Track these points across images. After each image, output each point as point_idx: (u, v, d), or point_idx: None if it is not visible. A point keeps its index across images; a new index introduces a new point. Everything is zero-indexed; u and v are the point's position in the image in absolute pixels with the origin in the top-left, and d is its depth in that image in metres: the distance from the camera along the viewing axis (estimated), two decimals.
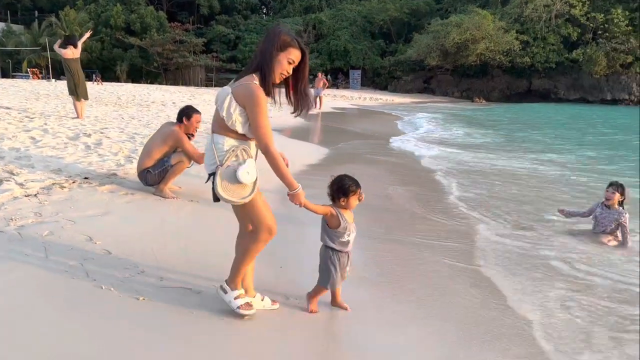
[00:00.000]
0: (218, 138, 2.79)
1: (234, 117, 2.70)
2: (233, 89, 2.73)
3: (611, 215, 5.23)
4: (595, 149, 14.01)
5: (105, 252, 3.80)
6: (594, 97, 48.61)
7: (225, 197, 2.75)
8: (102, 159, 6.69)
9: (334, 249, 3.09)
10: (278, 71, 2.74)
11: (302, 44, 2.77)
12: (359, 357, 2.83)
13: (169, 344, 2.69)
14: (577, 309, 3.58)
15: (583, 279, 4.19)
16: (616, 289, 4.00)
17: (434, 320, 3.30)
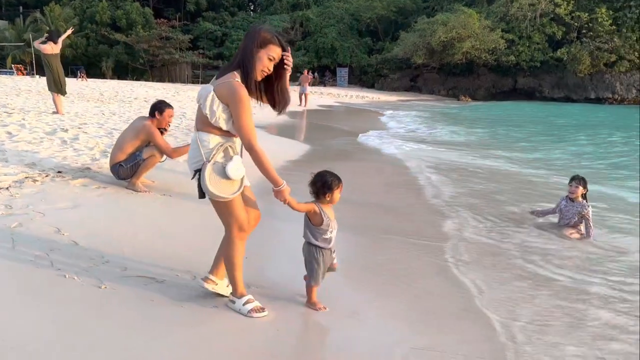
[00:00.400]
0: (203, 135, 2.83)
1: (217, 115, 2.76)
2: (215, 87, 2.77)
3: (574, 208, 5.39)
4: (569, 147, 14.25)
5: (72, 243, 3.86)
6: (578, 95, 49.11)
7: (215, 192, 2.80)
8: (77, 154, 6.73)
9: (317, 246, 3.15)
10: (259, 68, 2.78)
11: (283, 41, 2.82)
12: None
13: (127, 329, 2.77)
14: (530, 298, 3.73)
15: (537, 272, 4.34)
16: (567, 286, 4.16)
17: (397, 305, 3.42)
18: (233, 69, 2.79)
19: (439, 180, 8.11)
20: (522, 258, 4.61)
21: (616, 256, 4.82)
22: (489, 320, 3.31)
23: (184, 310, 3.04)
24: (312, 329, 3.17)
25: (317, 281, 3.18)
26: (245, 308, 3.03)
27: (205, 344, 2.71)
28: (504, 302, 3.61)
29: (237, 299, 3.07)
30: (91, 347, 2.55)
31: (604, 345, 3.06)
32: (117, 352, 2.53)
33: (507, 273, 4.21)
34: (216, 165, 2.81)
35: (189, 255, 3.95)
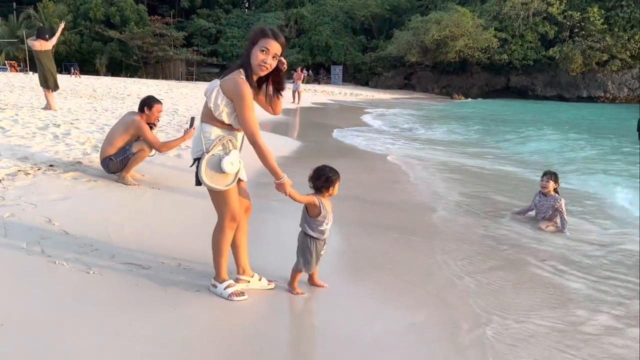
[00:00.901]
0: (206, 127, 2.99)
1: (220, 108, 2.92)
2: (221, 82, 2.94)
3: (548, 202, 5.59)
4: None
5: (62, 232, 4.03)
6: (570, 94, 49.46)
7: (208, 183, 2.96)
8: (69, 148, 6.88)
9: (312, 237, 3.31)
10: (255, 63, 2.90)
11: (275, 32, 2.93)
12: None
13: (111, 310, 2.94)
14: (499, 280, 3.92)
15: (509, 258, 4.54)
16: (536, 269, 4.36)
17: (375, 289, 3.61)
18: (237, 67, 2.96)
19: (425, 177, 8.28)
20: (498, 249, 4.80)
21: (593, 250, 5.00)
22: (465, 306, 3.50)
23: (167, 294, 3.22)
24: (292, 312, 3.35)
25: (308, 269, 3.37)
26: (226, 292, 3.19)
27: (186, 324, 2.88)
28: (480, 290, 3.80)
29: (219, 283, 3.23)
30: (77, 325, 2.72)
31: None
32: (101, 330, 2.71)
33: (485, 264, 4.39)
34: (214, 157, 2.96)
35: (175, 244, 4.12)
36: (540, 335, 3.11)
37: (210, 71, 56.04)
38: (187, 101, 18.51)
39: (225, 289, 3.21)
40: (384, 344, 2.88)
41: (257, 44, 2.90)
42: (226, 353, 2.68)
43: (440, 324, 3.18)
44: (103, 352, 2.51)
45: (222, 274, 3.25)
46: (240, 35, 56.04)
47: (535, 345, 2.97)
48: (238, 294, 3.21)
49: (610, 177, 8.93)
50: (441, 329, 3.12)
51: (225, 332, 2.91)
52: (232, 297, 3.18)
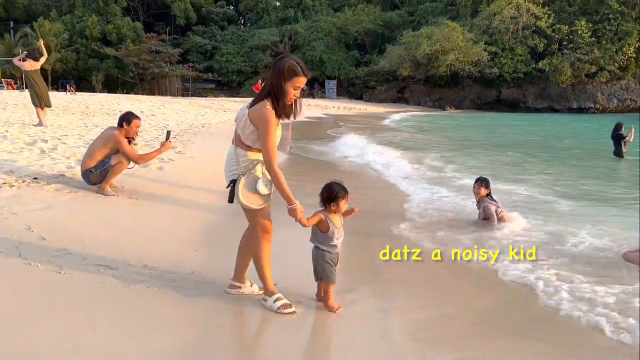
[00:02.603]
0: (240, 151, 3.26)
1: (246, 135, 3.21)
2: (249, 111, 3.21)
3: (480, 206, 6.06)
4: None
5: (40, 238, 4.36)
6: (561, 105, 50.15)
7: (245, 203, 3.22)
8: (54, 162, 7.23)
9: (326, 250, 3.44)
10: (286, 98, 3.17)
11: (305, 70, 3.19)
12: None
13: (75, 305, 3.28)
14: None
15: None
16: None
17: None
18: (264, 97, 3.19)
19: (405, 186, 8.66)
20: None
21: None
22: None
23: (129, 290, 3.54)
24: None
25: (332, 279, 3.44)
26: (275, 305, 3.37)
27: (145, 317, 3.21)
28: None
29: (268, 297, 3.43)
30: (44, 316, 3.06)
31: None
32: (67, 321, 3.04)
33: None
34: (249, 179, 3.22)
35: (145, 248, 4.45)
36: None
37: (206, 87, 56.72)
38: (179, 117, 18.91)
39: (275, 302, 3.38)
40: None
41: (290, 81, 3.13)
42: (180, 343, 3.00)
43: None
44: (66, 340, 2.83)
45: (269, 287, 3.44)
46: (235, 51, 56.79)
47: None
48: (286, 306, 3.37)
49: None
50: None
51: (183, 326, 3.21)
52: (280, 309, 3.35)
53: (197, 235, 5.07)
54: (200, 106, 27.57)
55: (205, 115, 20.97)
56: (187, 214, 5.87)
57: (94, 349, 2.77)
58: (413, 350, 3.10)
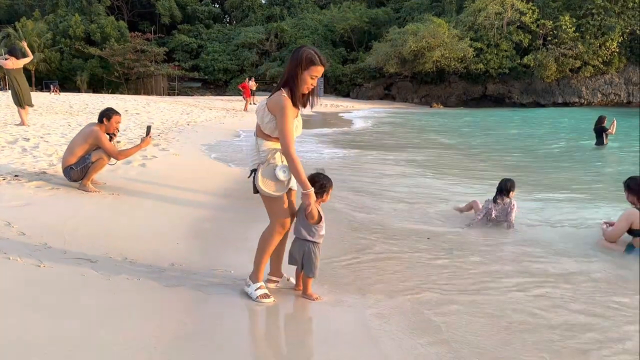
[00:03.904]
0: (260, 141, 3.34)
1: (265, 124, 3.27)
2: (268, 101, 3.28)
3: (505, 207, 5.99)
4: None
5: (20, 233, 4.36)
6: (546, 100, 50.53)
7: (265, 189, 3.27)
8: (35, 160, 7.21)
9: (315, 242, 3.47)
10: (304, 87, 3.23)
11: (323, 59, 3.24)
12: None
13: (55, 295, 3.30)
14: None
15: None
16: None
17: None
18: (282, 86, 3.25)
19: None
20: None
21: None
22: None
23: (108, 282, 3.57)
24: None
25: (315, 273, 3.49)
26: (255, 293, 3.45)
27: (123, 307, 3.24)
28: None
29: (252, 283, 3.50)
30: (21, 308, 3.07)
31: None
32: (44, 309, 3.06)
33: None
34: (268, 167, 3.29)
35: (125, 242, 4.47)
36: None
37: (192, 85, 56.47)
38: (163, 115, 18.85)
39: (256, 290, 3.46)
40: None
41: (308, 70, 3.19)
42: (158, 331, 3.03)
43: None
44: (44, 330, 2.85)
45: (259, 275, 3.51)
46: (221, 49, 56.59)
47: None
48: (265, 296, 3.45)
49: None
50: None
51: (161, 315, 3.25)
52: (259, 299, 3.43)
53: (179, 229, 5.08)
54: (186, 104, 27.46)
55: (190, 113, 20.92)
56: (169, 209, 5.87)
57: (72, 337, 2.79)
58: (391, 335, 3.16)
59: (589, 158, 13.10)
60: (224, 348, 2.87)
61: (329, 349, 2.98)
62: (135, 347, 2.76)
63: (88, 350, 2.69)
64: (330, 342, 3.05)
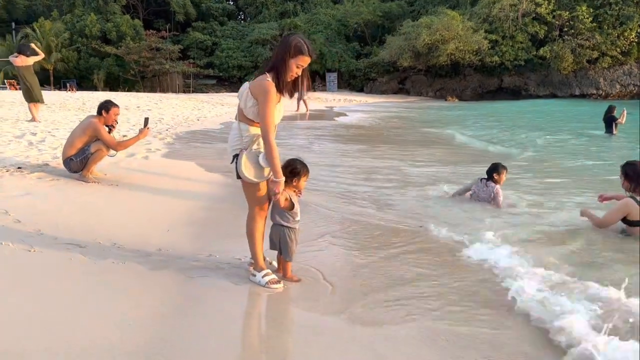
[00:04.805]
0: (243, 126, 3.31)
1: (248, 108, 3.25)
2: (250, 85, 3.27)
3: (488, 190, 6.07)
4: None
5: (15, 221, 4.51)
6: (563, 92, 49.77)
7: (247, 176, 3.27)
8: (40, 153, 7.39)
9: (290, 227, 3.52)
10: (289, 74, 3.22)
11: (312, 52, 3.22)
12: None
13: (42, 278, 3.42)
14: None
15: None
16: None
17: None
18: (267, 71, 3.25)
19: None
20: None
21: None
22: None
23: (95, 265, 3.68)
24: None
25: (291, 257, 3.56)
26: (264, 280, 3.47)
27: (108, 288, 3.35)
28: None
29: (257, 272, 3.53)
30: (8, 289, 3.20)
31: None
32: (28, 292, 3.18)
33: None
34: (251, 153, 3.27)
35: (116, 229, 4.58)
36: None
37: (207, 83, 56.81)
38: (174, 111, 19.07)
39: (263, 277, 3.49)
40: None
41: (295, 58, 3.19)
42: (141, 312, 3.13)
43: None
44: (28, 309, 2.98)
45: (259, 262, 3.55)
46: (236, 46, 56.80)
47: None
48: (274, 282, 3.48)
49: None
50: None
51: (145, 297, 3.34)
52: (269, 285, 3.46)
53: (171, 217, 5.18)
54: (198, 101, 27.69)
55: (201, 109, 21.13)
56: (165, 198, 5.98)
57: (51, 315, 2.91)
58: (368, 321, 3.21)
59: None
60: (199, 326, 2.95)
61: (307, 329, 3.05)
62: (111, 324, 2.86)
63: (64, 325, 2.80)
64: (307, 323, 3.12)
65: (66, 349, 2.55)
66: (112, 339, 2.68)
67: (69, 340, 2.64)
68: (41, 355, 2.49)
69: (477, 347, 2.79)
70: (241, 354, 2.76)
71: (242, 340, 2.96)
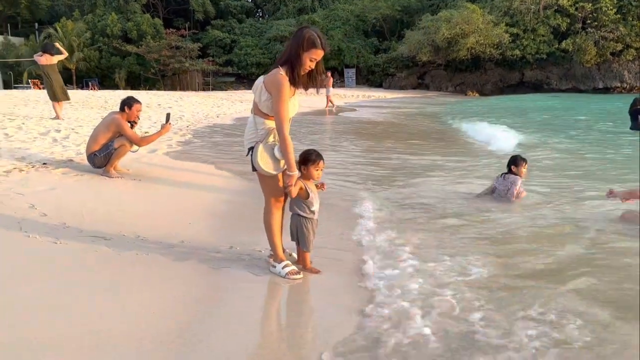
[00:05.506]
0: (258, 119, 3.35)
1: (262, 102, 3.29)
2: (264, 79, 3.30)
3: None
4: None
5: (42, 214, 4.61)
6: (586, 86, 48.92)
7: (263, 168, 3.29)
8: (64, 149, 7.54)
9: (306, 217, 3.55)
10: (301, 68, 3.22)
11: (325, 45, 3.22)
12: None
13: (67, 269, 3.50)
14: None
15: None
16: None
17: None
18: (280, 64, 3.25)
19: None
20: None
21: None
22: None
23: (119, 257, 3.75)
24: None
25: (309, 248, 3.59)
26: (284, 271, 3.50)
27: (129, 280, 3.41)
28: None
29: (277, 263, 3.56)
30: (37, 279, 3.29)
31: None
32: (54, 283, 3.26)
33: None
34: (267, 145, 3.30)
35: (140, 222, 4.66)
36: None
37: (226, 80, 57.13)
38: (195, 108, 19.24)
39: (283, 268, 3.52)
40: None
41: (308, 52, 3.19)
42: (163, 301, 3.19)
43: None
44: (55, 298, 3.05)
45: (279, 254, 3.58)
46: (254, 43, 57.03)
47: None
48: (294, 273, 3.51)
49: None
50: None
51: (167, 286, 3.40)
52: (289, 276, 3.48)
53: (193, 211, 5.24)
54: (218, 98, 27.88)
55: (221, 106, 21.27)
56: (186, 193, 6.07)
57: (83, 306, 2.98)
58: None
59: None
60: (221, 316, 2.99)
61: (322, 314, 3.07)
62: (137, 313, 2.92)
63: (91, 315, 2.87)
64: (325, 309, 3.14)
65: (93, 337, 2.61)
66: (139, 327, 2.74)
67: (96, 328, 2.70)
68: (69, 342, 2.56)
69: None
70: (261, 342, 2.79)
71: (262, 330, 2.99)
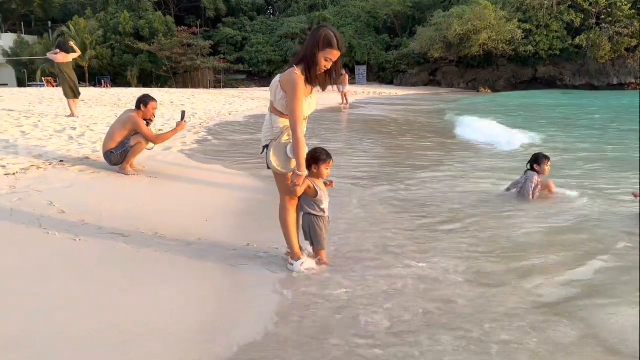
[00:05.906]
0: (274, 117, 3.37)
1: (278, 101, 3.30)
2: (280, 77, 3.31)
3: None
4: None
5: (60, 211, 4.66)
6: (600, 82, 48.35)
7: (276, 166, 3.34)
8: (80, 147, 7.59)
9: (317, 215, 3.59)
10: (317, 67, 3.20)
11: (341, 45, 3.21)
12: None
13: (86, 264, 3.54)
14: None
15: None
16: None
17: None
18: (297, 63, 3.26)
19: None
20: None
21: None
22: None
23: (138, 254, 3.79)
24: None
25: (322, 245, 3.63)
26: (301, 269, 3.55)
27: (149, 276, 3.44)
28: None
29: (295, 261, 3.58)
30: (56, 275, 3.33)
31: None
32: (74, 279, 3.29)
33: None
34: (280, 144, 3.32)
35: (157, 219, 4.69)
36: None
37: (237, 78, 57.27)
38: (207, 105, 19.29)
39: (301, 266, 3.56)
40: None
41: (323, 51, 3.17)
42: (180, 295, 3.21)
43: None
44: (73, 293, 3.09)
45: (295, 251, 3.60)
46: (265, 41, 57.09)
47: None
48: (312, 269, 3.56)
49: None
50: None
51: (184, 282, 3.42)
52: (306, 272, 3.52)
53: (209, 208, 5.26)
54: (229, 96, 27.96)
55: (233, 104, 21.31)
56: (202, 190, 6.09)
57: (103, 302, 3.02)
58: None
59: None
60: (240, 312, 3.01)
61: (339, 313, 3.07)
62: (157, 309, 2.95)
63: (111, 310, 2.89)
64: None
65: (114, 332, 2.64)
66: (162, 322, 2.78)
67: (117, 324, 2.73)
68: (90, 336, 2.59)
69: None
70: (278, 337, 2.80)
71: (279, 324, 2.99)
